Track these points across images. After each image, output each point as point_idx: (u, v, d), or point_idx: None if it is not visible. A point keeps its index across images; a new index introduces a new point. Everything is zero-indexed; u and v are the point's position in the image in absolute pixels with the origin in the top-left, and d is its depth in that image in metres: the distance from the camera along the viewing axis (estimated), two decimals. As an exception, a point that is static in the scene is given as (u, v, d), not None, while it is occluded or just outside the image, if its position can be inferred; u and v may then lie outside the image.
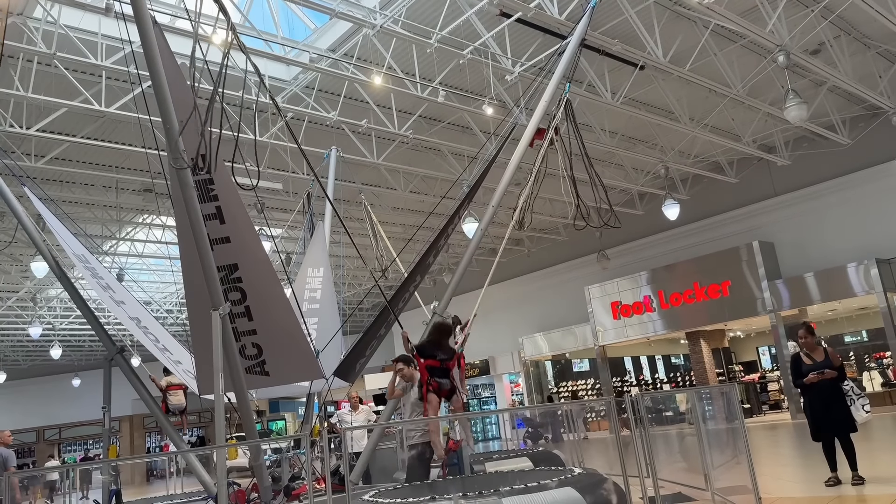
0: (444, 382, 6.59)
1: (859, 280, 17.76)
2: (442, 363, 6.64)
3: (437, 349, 6.74)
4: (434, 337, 6.92)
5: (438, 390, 6.55)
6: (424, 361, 6.59)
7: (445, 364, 6.66)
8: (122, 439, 34.87)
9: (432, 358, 6.62)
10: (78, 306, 8.74)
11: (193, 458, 7.96)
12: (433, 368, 6.57)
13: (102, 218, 17.59)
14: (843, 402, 7.47)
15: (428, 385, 6.54)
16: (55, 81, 10.88)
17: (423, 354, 6.65)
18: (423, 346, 6.78)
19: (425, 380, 6.57)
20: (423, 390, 6.58)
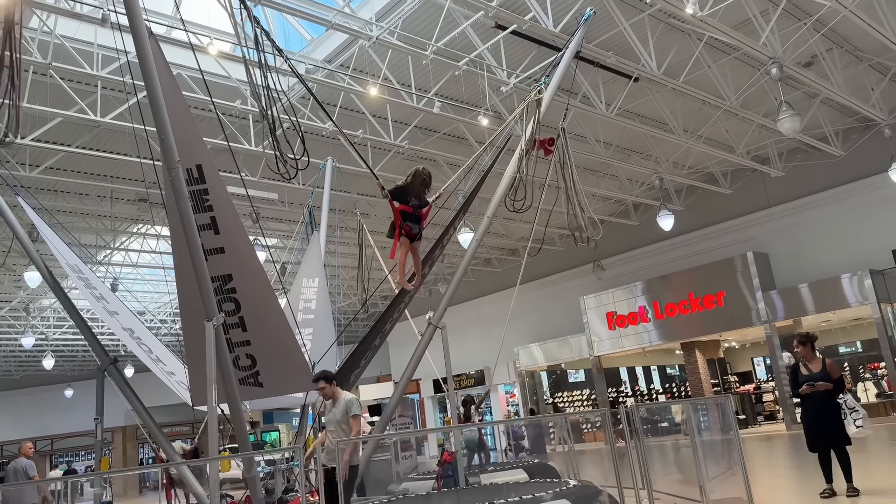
0: (414, 227, 6.75)
1: (853, 291, 17.81)
2: (415, 209, 6.73)
3: (411, 195, 6.75)
4: (410, 182, 6.81)
5: (409, 233, 6.70)
6: (398, 206, 6.63)
7: (418, 211, 6.76)
8: (114, 451, 34.63)
9: (405, 203, 6.69)
10: (71, 316, 8.70)
11: (187, 469, 7.91)
12: (406, 213, 6.67)
13: (97, 227, 17.54)
14: (838, 414, 7.47)
15: (401, 228, 6.66)
16: (51, 91, 10.87)
17: (396, 198, 6.67)
18: (396, 190, 6.76)
19: (399, 223, 6.67)
20: (396, 233, 6.66)
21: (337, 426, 6.83)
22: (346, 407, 6.84)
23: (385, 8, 11.42)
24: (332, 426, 6.88)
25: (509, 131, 9.23)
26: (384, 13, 11.42)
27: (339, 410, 6.84)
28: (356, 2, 11.54)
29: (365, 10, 11.41)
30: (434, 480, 8.35)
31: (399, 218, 6.63)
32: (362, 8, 11.51)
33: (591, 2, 10.78)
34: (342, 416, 6.80)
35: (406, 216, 6.66)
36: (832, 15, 11.68)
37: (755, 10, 11.52)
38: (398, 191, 6.75)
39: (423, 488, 8.49)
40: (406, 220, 6.66)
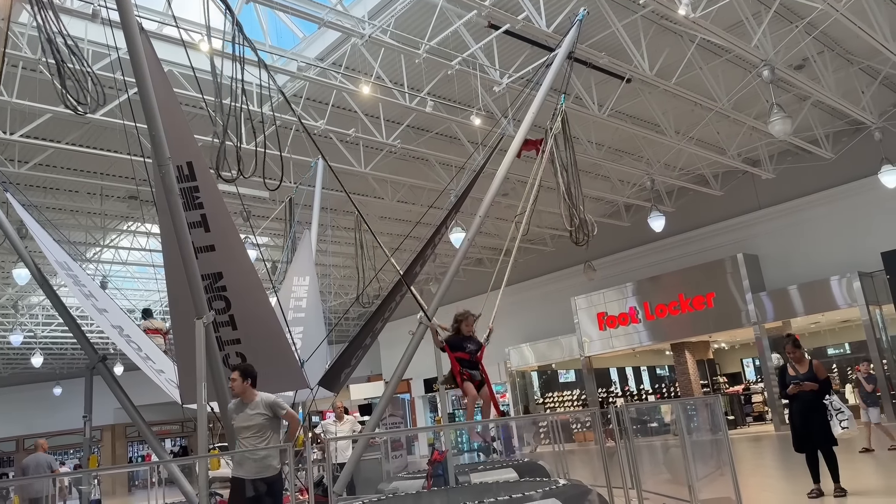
0: (474, 374, 6.80)
1: (842, 293, 17.93)
2: (471, 355, 6.87)
3: (466, 341, 6.93)
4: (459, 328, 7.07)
5: (470, 380, 6.76)
6: (454, 353, 6.78)
7: (474, 357, 6.89)
8: (103, 449, 34.45)
9: (461, 350, 6.84)
10: (60, 314, 8.64)
11: (175, 468, 7.87)
12: (463, 361, 6.79)
13: (86, 225, 17.44)
14: (824, 415, 7.52)
15: (461, 375, 6.74)
16: (40, 87, 10.79)
17: (453, 348, 6.83)
18: (451, 340, 6.96)
19: (458, 370, 6.78)
20: (458, 380, 6.76)
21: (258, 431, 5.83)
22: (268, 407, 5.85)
23: (378, 6, 11.40)
24: (248, 432, 5.86)
25: (502, 131, 9.22)
26: (377, 11, 11.40)
27: (258, 412, 5.83)
28: (349, 0, 11.52)
29: (357, 8, 11.40)
30: (424, 479, 8.35)
31: (458, 366, 6.79)
32: (355, 6, 11.49)
33: (585, 2, 10.79)
34: (265, 421, 5.82)
35: (464, 363, 6.81)
36: (823, 18, 11.75)
37: (747, 12, 11.57)
38: (452, 339, 6.98)
39: (413, 487, 8.48)
40: (464, 366, 6.80)
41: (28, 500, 11.06)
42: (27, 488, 10.51)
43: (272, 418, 5.90)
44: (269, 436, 5.90)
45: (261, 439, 5.84)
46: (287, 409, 6.02)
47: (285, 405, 6.04)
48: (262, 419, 5.84)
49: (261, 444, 5.81)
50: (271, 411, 5.87)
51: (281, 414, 5.93)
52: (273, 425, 5.94)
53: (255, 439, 5.83)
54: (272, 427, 5.94)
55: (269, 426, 5.91)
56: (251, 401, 5.88)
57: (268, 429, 5.89)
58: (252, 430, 5.85)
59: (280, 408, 5.93)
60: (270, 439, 5.91)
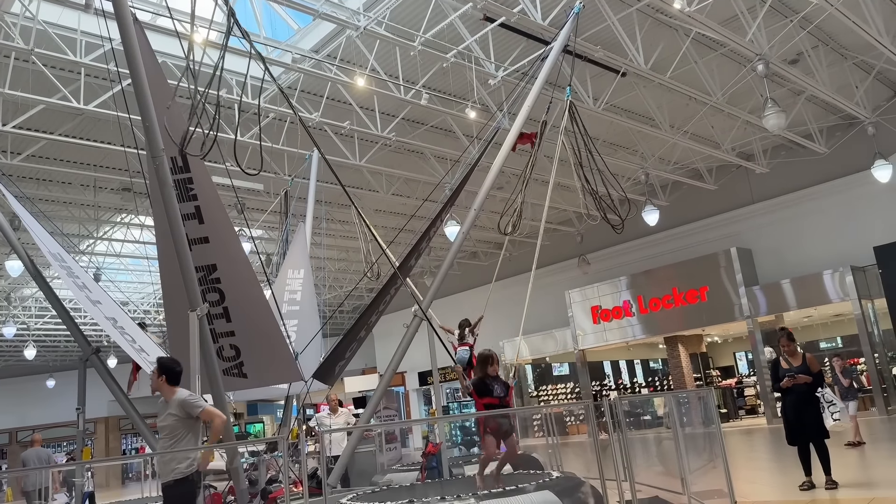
0: (502, 423, 6.28)
1: (834, 287, 18.02)
2: (501, 400, 6.34)
3: (493, 382, 6.41)
4: (484, 371, 6.52)
5: (498, 431, 6.22)
6: (482, 399, 6.29)
7: (504, 401, 6.36)
8: (96, 441, 34.41)
9: (489, 395, 6.33)
10: (53, 306, 8.62)
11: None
12: (492, 405, 6.27)
13: (80, 217, 17.37)
14: (817, 408, 7.57)
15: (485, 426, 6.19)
16: (33, 78, 10.73)
17: (479, 392, 6.33)
18: (479, 384, 6.45)
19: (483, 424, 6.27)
20: (481, 430, 6.25)
21: (169, 433, 5.33)
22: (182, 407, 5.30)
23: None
24: (162, 433, 5.39)
25: (497, 125, 9.22)
26: (372, 3, 11.36)
27: (170, 412, 5.33)
28: (344, -9, 11.48)
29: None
30: (418, 472, 8.38)
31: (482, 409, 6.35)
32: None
33: (580, -4, 10.79)
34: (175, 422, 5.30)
35: (490, 408, 6.33)
36: (818, 12, 11.77)
37: (742, 6, 11.58)
38: (479, 384, 6.46)
39: (408, 479, 8.51)
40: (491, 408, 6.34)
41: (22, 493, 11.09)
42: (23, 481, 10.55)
43: (186, 419, 5.31)
44: (179, 437, 5.29)
45: (171, 441, 5.29)
46: (204, 407, 5.38)
47: (202, 403, 5.41)
48: (173, 420, 5.30)
49: (170, 446, 5.28)
50: (183, 411, 5.30)
51: (196, 413, 5.31)
52: (187, 426, 5.33)
53: (166, 441, 5.31)
54: (186, 428, 5.32)
55: (183, 427, 5.31)
56: (169, 399, 5.37)
57: (180, 429, 5.30)
58: (164, 430, 5.35)
59: (193, 407, 5.31)
60: (183, 441, 5.29)
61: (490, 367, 6.60)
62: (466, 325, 10.56)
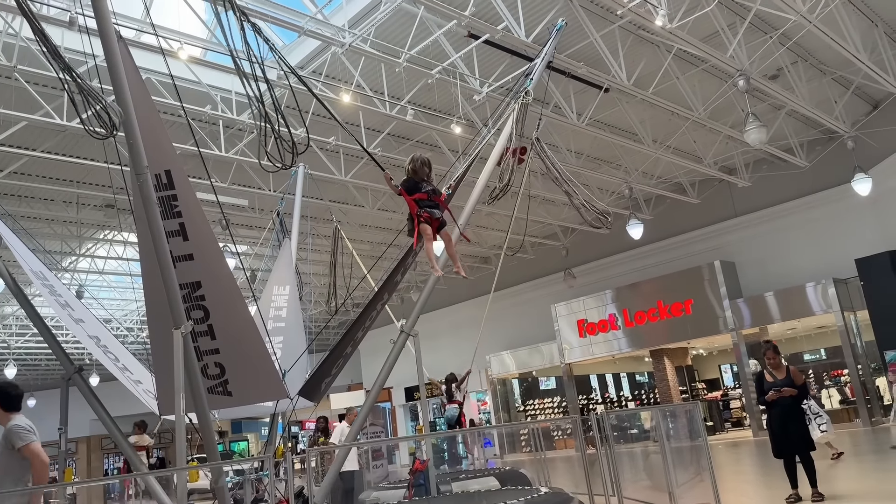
0: (434, 212, 6.35)
1: (817, 299, 18.18)
2: (429, 195, 6.43)
3: (422, 182, 6.46)
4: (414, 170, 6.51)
5: (430, 219, 6.31)
6: (411, 196, 6.33)
7: (433, 197, 6.45)
8: (78, 461, 33.88)
9: (418, 191, 6.40)
10: (35, 324, 8.49)
11: (153, 480, 7.76)
12: (421, 201, 6.36)
13: (62, 234, 17.22)
14: (803, 420, 7.62)
15: (419, 217, 6.26)
16: (15, 94, 10.66)
17: (409, 191, 6.38)
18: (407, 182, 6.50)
19: (415, 212, 6.31)
20: (415, 222, 6.27)
21: None
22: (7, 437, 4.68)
23: (358, 15, 11.41)
24: None
25: (482, 140, 9.25)
26: (357, 20, 11.41)
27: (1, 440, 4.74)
28: (329, 8, 11.52)
29: (338, 16, 11.40)
30: (405, 489, 8.32)
31: (415, 207, 6.35)
32: (335, 15, 11.49)
33: (563, 13, 10.90)
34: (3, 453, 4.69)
35: (422, 203, 6.37)
36: (797, 29, 11.96)
37: (723, 23, 11.75)
38: (407, 182, 6.49)
39: (395, 497, 8.45)
40: (423, 206, 6.37)
41: None
42: None
43: (12, 451, 4.63)
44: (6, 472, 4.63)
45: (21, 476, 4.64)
46: (27, 443, 4.62)
47: (26, 437, 4.66)
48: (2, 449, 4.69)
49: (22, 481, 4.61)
50: (9, 443, 4.63)
51: (17, 445, 4.61)
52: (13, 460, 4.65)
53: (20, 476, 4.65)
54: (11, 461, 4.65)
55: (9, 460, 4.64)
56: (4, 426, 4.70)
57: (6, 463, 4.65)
58: None
59: (16, 438, 4.62)
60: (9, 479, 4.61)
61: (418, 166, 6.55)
62: (453, 380, 10.49)
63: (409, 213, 6.42)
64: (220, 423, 26.00)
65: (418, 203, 6.33)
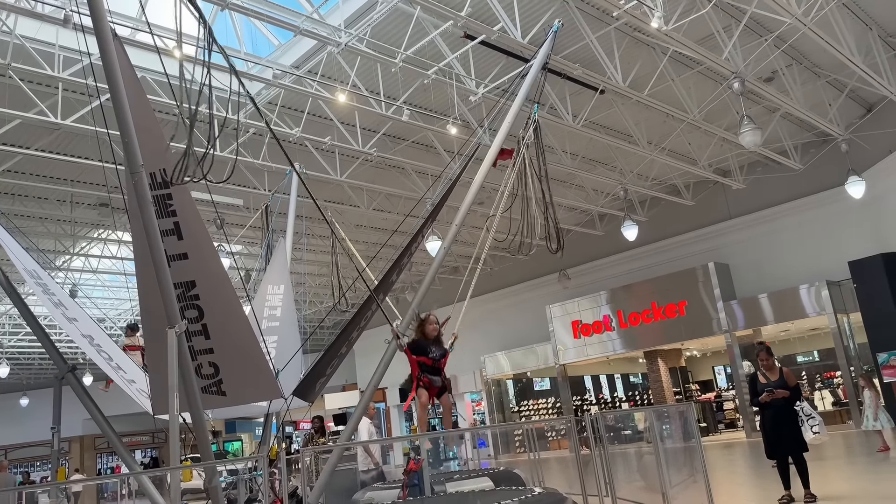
0: (435, 380, 6.50)
1: (811, 301, 18.25)
2: (434, 362, 6.55)
3: (430, 345, 6.61)
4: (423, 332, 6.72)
5: (429, 386, 6.44)
6: (416, 357, 6.48)
7: (437, 363, 6.57)
8: (71, 461, 33.75)
9: (424, 354, 6.54)
10: (28, 323, 8.46)
11: (146, 480, 7.74)
12: (424, 365, 6.49)
13: (56, 232, 17.15)
14: (795, 422, 7.64)
15: (419, 381, 6.41)
16: (10, 92, 10.62)
17: (414, 351, 6.52)
18: (415, 343, 6.64)
19: (416, 375, 6.45)
20: (414, 385, 6.44)
21: None
22: None
23: (354, 15, 11.40)
24: None
25: (478, 140, 9.26)
26: (353, 20, 11.40)
27: None
28: (325, 8, 11.51)
29: (334, 16, 11.39)
30: (399, 490, 8.31)
31: (417, 370, 6.49)
32: (331, 14, 11.48)
33: (559, 14, 10.92)
34: None
35: (424, 368, 6.50)
36: (792, 32, 12.00)
37: (718, 25, 11.78)
38: (415, 343, 6.62)
39: (389, 497, 8.44)
40: (424, 371, 6.51)
41: None
42: None
43: None
44: None
45: None
46: None
47: None
48: None
49: None
50: None
51: None
52: None
53: None
54: None
55: None
56: None
57: None
58: None
59: None
60: None
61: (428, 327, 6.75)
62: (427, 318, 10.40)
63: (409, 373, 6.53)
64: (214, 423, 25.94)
65: (421, 367, 6.45)
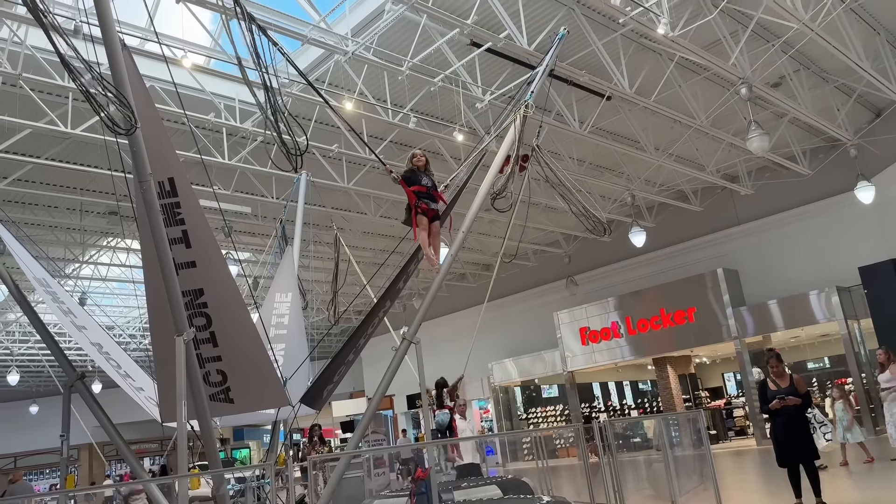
0: (432, 203, 6.65)
1: (821, 307, 18.12)
2: (428, 189, 6.71)
3: (421, 175, 6.77)
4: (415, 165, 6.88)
5: (427, 211, 6.60)
6: (411, 188, 6.60)
7: (431, 190, 6.74)
8: (80, 468, 33.81)
9: (417, 183, 6.70)
10: (38, 331, 8.50)
11: (154, 487, 7.75)
12: (420, 193, 6.65)
13: (65, 241, 17.25)
14: (807, 429, 7.58)
15: (416, 207, 6.56)
16: (20, 102, 10.71)
17: (408, 181, 6.66)
18: (407, 174, 6.78)
19: (413, 203, 6.61)
20: (413, 213, 6.58)
21: None
22: None
23: (361, 24, 11.46)
24: None
25: (485, 147, 9.25)
26: (360, 29, 11.45)
27: None
28: (332, 17, 11.57)
29: (341, 25, 11.44)
30: (407, 497, 8.28)
31: (413, 198, 6.64)
32: (338, 23, 11.54)
33: (565, 21, 10.95)
34: None
35: (421, 195, 6.67)
36: (799, 37, 11.98)
37: (725, 31, 11.77)
38: (408, 173, 6.80)
39: (396, 505, 8.41)
40: (422, 198, 6.67)
41: None
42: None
43: None
44: None
45: None
46: None
47: None
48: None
49: None
50: None
51: None
52: None
53: None
54: None
55: None
56: None
57: None
58: None
59: None
60: None
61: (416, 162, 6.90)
62: (443, 384, 10.41)
63: (407, 203, 6.68)
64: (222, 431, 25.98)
65: (417, 195, 6.61)
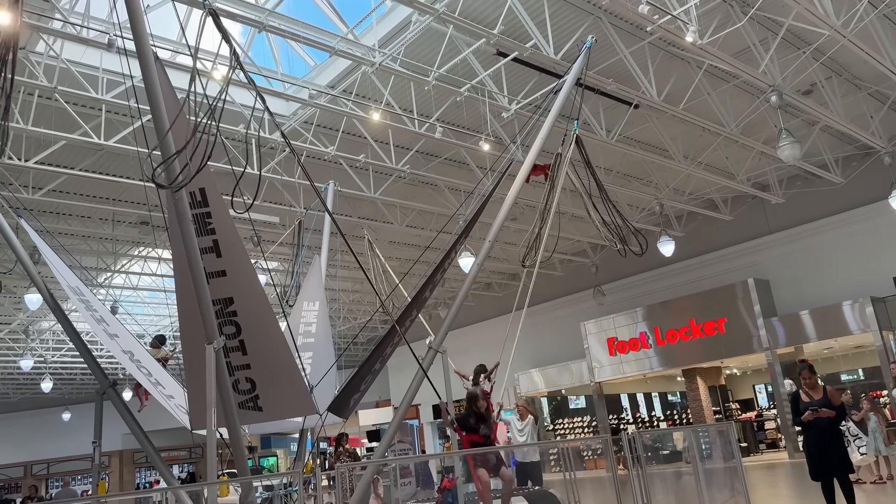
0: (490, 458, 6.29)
1: (854, 318, 17.76)
2: (486, 438, 6.37)
3: (480, 421, 6.43)
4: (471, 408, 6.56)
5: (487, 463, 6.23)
6: (467, 435, 6.28)
7: (490, 439, 6.43)
8: (111, 475, 34.31)
9: (475, 432, 6.36)
10: (71, 339, 8.67)
11: (184, 494, 7.83)
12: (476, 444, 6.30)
13: (98, 250, 17.57)
14: (841, 442, 7.42)
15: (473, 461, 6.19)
16: (55, 114, 10.96)
17: (465, 428, 6.33)
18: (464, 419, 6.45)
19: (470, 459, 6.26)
20: (471, 465, 6.20)
21: None
22: None
23: (388, 35, 11.54)
24: None
25: (511, 157, 9.27)
26: (387, 40, 11.54)
27: None
28: (359, 29, 11.68)
29: (368, 36, 11.54)
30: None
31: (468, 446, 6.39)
32: (366, 35, 11.64)
33: (592, 30, 10.92)
34: None
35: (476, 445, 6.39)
36: (831, 44, 11.80)
37: (754, 38, 11.64)
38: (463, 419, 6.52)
39: (423, 515, 8.39)
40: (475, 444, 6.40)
41: None
42: None
43: None
44: None
45: None
46: None
47: None
48: None
49: None
50: None
51: None
52: None
53: None
54: None
55: None
56: None
57: None
58: None
59: None
60: None
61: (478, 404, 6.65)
62: (482, 370, 10.47)
63: None
64: (250, 439, 26.19)
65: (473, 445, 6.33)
